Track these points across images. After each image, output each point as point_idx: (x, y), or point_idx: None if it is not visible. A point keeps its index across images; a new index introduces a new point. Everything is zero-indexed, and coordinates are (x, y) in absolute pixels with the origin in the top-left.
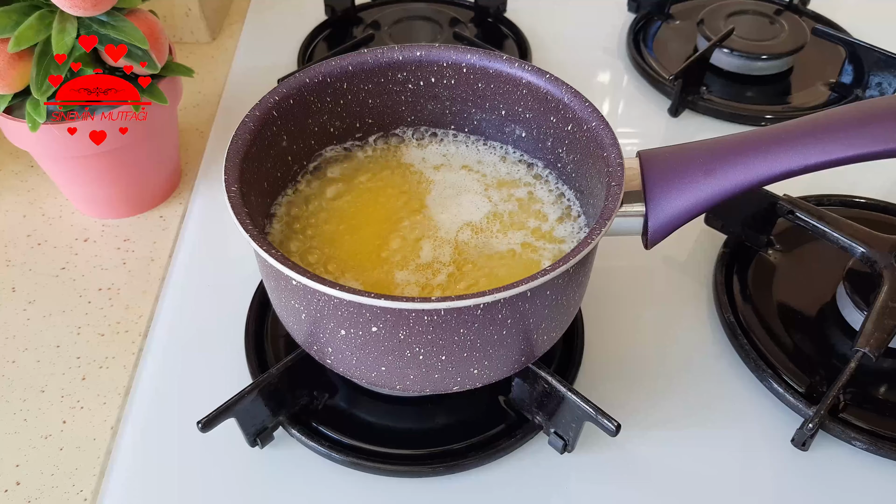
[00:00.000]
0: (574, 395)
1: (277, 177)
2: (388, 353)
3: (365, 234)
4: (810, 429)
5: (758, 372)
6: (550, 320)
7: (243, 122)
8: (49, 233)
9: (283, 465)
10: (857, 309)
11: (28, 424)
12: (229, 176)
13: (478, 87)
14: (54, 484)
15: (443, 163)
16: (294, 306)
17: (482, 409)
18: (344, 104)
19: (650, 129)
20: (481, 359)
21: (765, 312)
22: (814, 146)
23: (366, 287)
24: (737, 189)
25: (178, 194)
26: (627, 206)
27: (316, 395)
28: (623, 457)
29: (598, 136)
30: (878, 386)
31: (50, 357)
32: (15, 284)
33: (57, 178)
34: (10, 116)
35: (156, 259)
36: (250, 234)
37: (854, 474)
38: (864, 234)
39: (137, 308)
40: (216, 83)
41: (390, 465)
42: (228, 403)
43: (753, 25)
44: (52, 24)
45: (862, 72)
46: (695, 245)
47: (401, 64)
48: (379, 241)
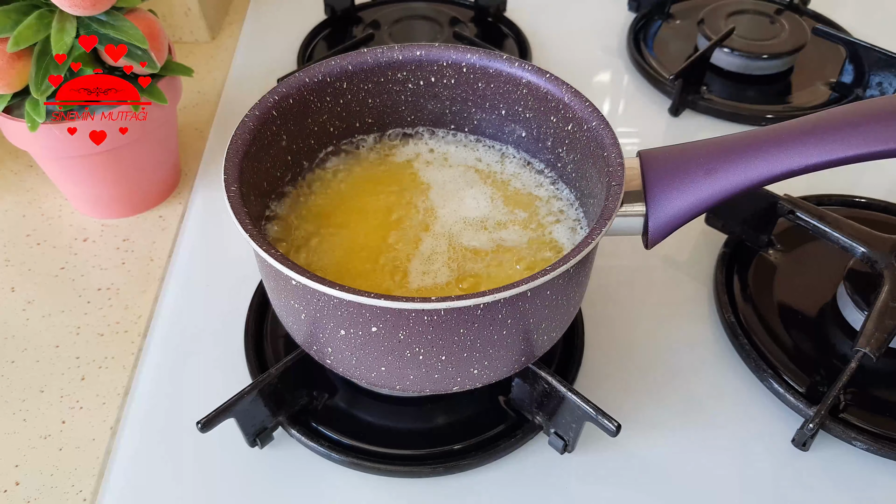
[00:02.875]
0: (574, 395)
1: (277, 176)
2: (387, 354)
3: (365, 234)
4: (811, 429)
5: (758, 372)
6: (550, 320)
7: (243, 122)
8: (48, 232)
9: (282, 465)
10: (857, 309)
11: (27, 424)
12: (229, 175)
13: (478, 87)
14: (53, 484)
15: (443, 162)
16: (294, 306)
17: (482, 409)
18: (344, 104)
19: (650, 129)
20: (481, 359)
21: (765, 312)
22: (814, 146)
23: (366, 287)
24: (737, 189)
25: (177, 194)
26: (628, 206)
27: (316, 396)
28: (623, 457)
29: (599, 136)
30: (878, 386)
31: (49, 357)
32: (14, 284)
33: (56, 178)
34: (9, 116)
35: (155, 259)
36: (250, 234)
37: (854, 474)
38: (865, 234)
39: (137, 308)
40: (216, 83)
41: (390, 465)
42: (228, 403)
43: (754, 25)
44: (52, 23)
45: (862, 71)
46: (695, 245)
47: (401, 63)
48: (379, 240)
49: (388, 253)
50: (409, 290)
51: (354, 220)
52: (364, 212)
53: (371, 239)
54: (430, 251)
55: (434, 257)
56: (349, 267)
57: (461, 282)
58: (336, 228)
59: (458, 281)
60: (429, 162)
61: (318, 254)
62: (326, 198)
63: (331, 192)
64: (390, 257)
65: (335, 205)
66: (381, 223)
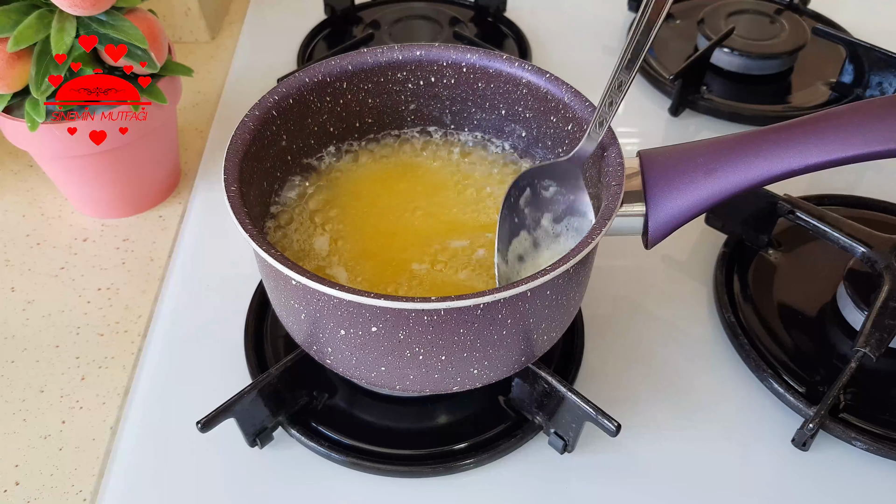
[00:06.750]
0: (574, 395)
1: (277, 176)
2: (387, 353)
3: (364, 233)
4: (811, 429)
5: (758, 372)
6: (550, 320)
7: (243, 122)
8: (48, 232)
9: (282, 465)
10: (857, 309)
11: (27, 424)
12: (229, 175)
13: (478, 87)
14: (53, 484)
15: (443, 162)
16: (294, 306)
17: (482, 409)
18: (344, 104)
19: (650, 129)
20: (481, 359)
21: (765, 312)
22: (814, 146)
23: (367, 288)
24: (737, 189)
25: (177, 194)
26: (628, 206)
27: (315, 396)
28: (623, 457)
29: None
30: (878, 386)
31: (49, 357)
32: (14, 284)
33: (56, 178)
34: (9, 116)
35: (155, 259)
36: (250, 234)
37: (854, 474)
38: (865, 234)
39: (137, 308)
40: (216, 83)
41: (390, 465)
42: (228, 403)
43: (754, 25)
44: (52, 23)
45: (862, 71)
46: (695, 245)
47: (400, 63)
48: (378, 239)
49: (386, 252)
50: (409, 290)
51: (354, 219)
52: (363, 211)
53: (370, 237)
54: (429, 250)
55: (433, 256)
56: (349, 266)
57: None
58: (336, 227)
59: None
60: (428, 161)
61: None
62: (326, 198)
63: (330, 192)
64: (389, 256)
65: (335, 205)
66: (381, 222)
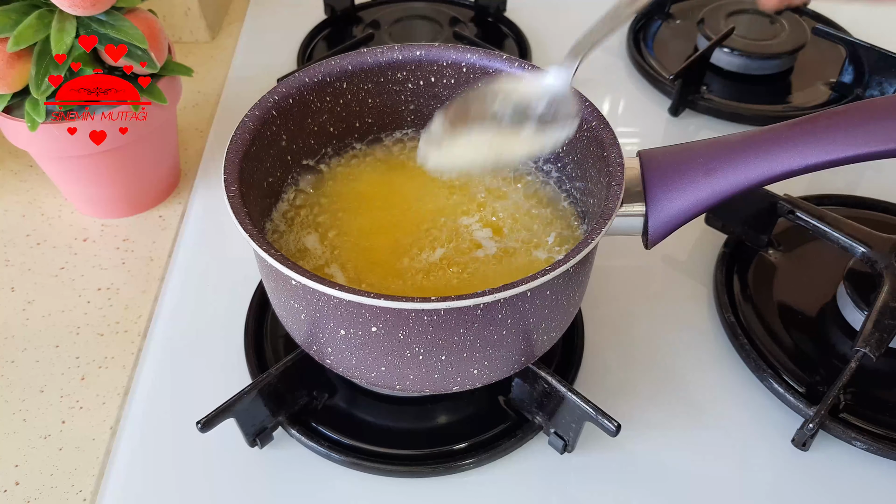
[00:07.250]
0: (574, 395)
1: (277, 176)
2: (387, 353)
3: (364, 233)
4: (810, 429)
5: (758, 372)
6: (550, 320)
7: (243, 122)
8: (48, 232)
9: (282, 465)
10: (857, 309)
11: (27, 424)
12: (229, 175)
13: None
14: (53, 484)
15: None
16: (293, 306)
17: (482, 409)
18: (344, 104)
19: (650, 129)
20: (481, 359)
21: (765, 312)
22: (814, 146)
23: (367, 287)
24: (737, 189)
25: (177, 194)
26: (627, 206)
27: (315, 395)
28: (623, 457)
29: (599, 136)
30: (878, 386)
31: (49, 357)
32: (14, 284)
33: (56, 178)
34: (9, 116)
35: (155, 259)
36: (250, 234)
37: (854, 474)
38: (865, 234)
39: (137, 308)
40: (215, 83)
41: (390, 465)
42: (228, 403)
43: (754, 25)
44: (52, 23)
45: (862, 71)
46: (695, 245)
47: (400, 63)
48: (378, 239)
49: (387, 251)
50: (409, 290)
51: (354, 219)
52: (363, 211)
53: (370, 237)
54: (429, 249)
55: (433, 256)
56: (348, 266)
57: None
58: (335, 227)
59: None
60: None
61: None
62: (326, 198)
63: (330, 192)
64: (389, 256)
65: (334, 205)
66: (381, 221)
